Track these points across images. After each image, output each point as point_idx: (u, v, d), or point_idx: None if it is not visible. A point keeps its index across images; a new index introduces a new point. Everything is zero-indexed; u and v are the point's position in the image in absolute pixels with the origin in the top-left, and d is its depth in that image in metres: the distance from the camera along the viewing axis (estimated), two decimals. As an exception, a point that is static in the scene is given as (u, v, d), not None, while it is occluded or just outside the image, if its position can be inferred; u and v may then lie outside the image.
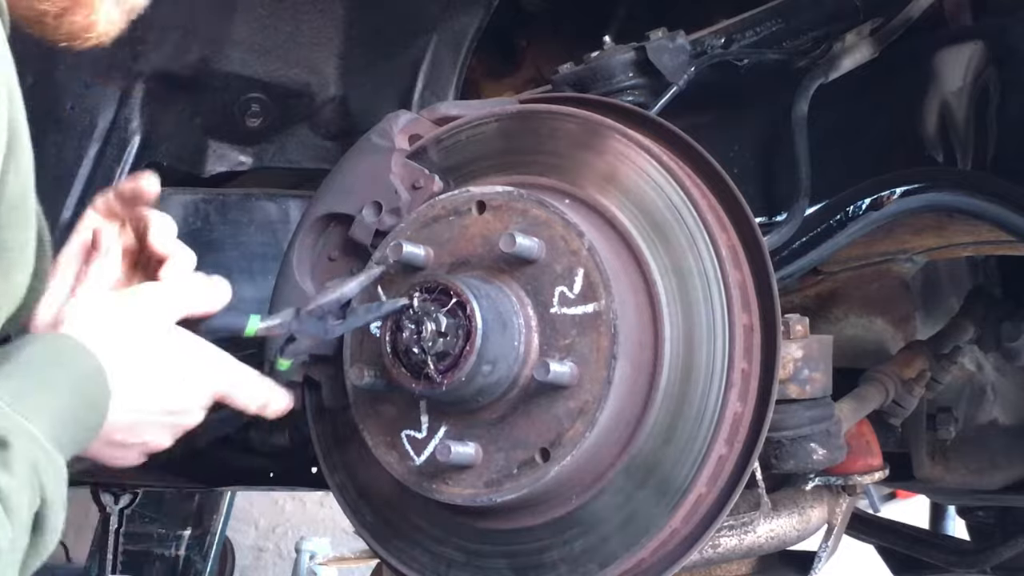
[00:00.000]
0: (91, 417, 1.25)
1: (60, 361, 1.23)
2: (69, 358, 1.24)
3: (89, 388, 1.24)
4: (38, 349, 1.23)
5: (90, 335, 1.28)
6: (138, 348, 1.33)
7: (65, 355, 1.24)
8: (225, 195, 2.17)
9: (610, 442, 1.43)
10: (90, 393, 1.24)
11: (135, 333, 1.33)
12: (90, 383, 1.25)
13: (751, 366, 1.48)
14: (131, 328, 1.33)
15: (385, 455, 1.52)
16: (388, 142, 1.63)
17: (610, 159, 1.51)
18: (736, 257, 1.51)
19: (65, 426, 1.19)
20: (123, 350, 1.30)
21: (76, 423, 1.21)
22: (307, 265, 1.65)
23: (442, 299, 1.42)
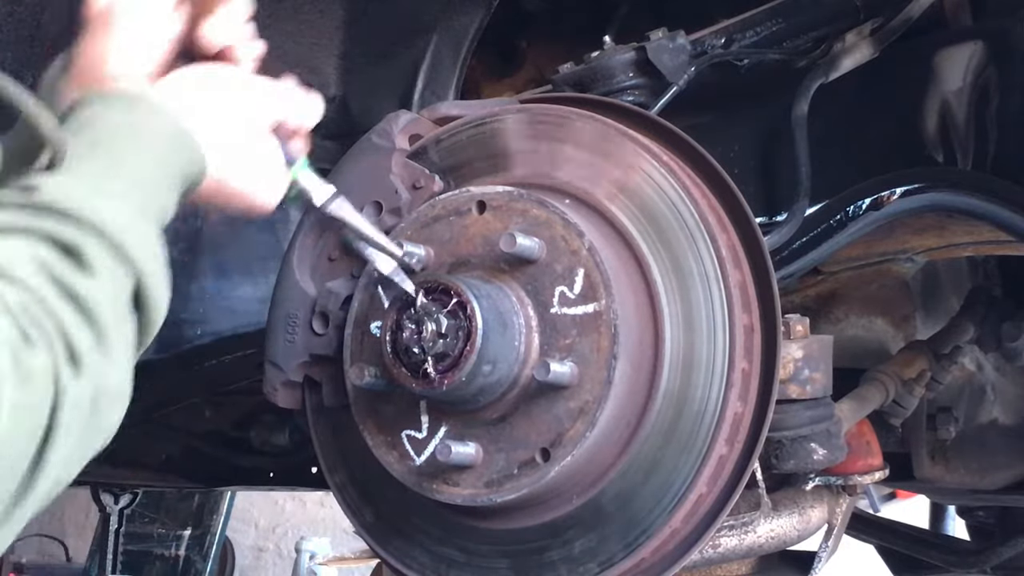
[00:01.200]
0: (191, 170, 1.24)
1: (136, 125, 1.19)
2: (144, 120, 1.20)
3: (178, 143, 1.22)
4: (114, 117, 1.18)
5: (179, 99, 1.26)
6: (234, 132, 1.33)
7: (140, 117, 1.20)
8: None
9: (610, 442, 1.43)
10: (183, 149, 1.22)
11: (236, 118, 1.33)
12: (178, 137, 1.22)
13: (751, 366, 1.48)
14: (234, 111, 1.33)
15: (385, 455, 1.52)
16: (388, 142, 1.63)
17: (612, 159, 1.51)
18: (736, 257, 1.51)
19: (159, 189, 1.17)
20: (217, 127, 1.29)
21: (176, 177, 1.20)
22: (307, 265, 1.65)
23: (443, 299, 1.42)
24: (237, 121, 1.35)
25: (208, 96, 1.32)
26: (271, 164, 1.40)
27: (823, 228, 1.82)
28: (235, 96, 1.36)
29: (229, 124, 1.34)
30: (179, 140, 1.23)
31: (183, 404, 2.75)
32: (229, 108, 1.34)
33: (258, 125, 1.38)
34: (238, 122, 1.35)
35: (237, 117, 1.35)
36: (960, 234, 1.98)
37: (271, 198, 1.42)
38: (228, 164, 1.33)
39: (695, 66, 1.84)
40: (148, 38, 1.33)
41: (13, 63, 1.70)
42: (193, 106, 1.28)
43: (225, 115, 1.33)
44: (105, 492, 4.35)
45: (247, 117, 1.36)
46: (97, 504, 4.41)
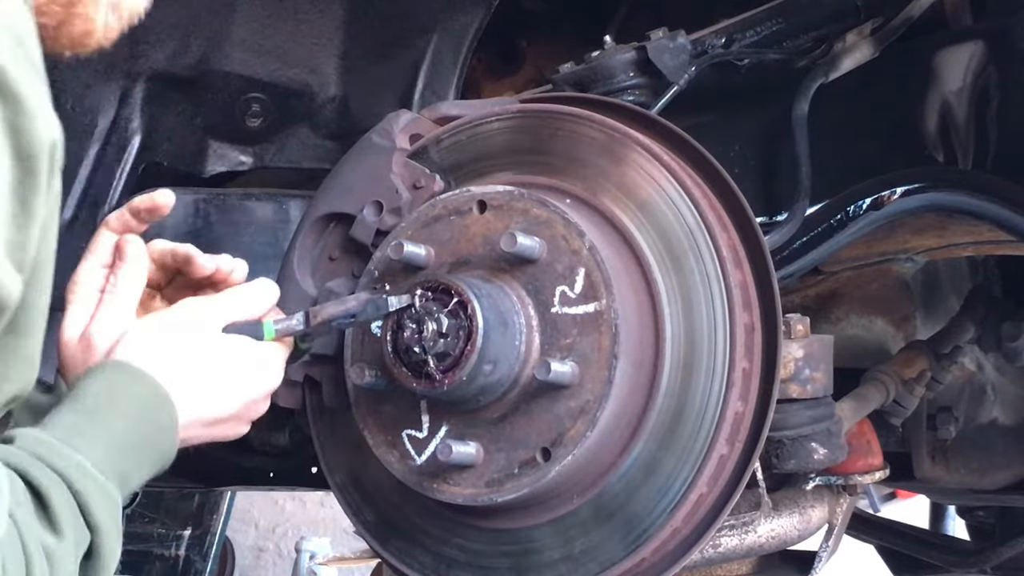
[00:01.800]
0: (162, 438, 1.28)
1: (116, 390, 1.25)
2: (125, 385, 1.26)
3: (152, 410, 1.27)
4: (94, 382, 1.25)
5: (145, 357, 1.30)
6: (196, 357, 1.35)
7: (121, 384, 1.26)
8: (225, 195, 2.17)
9: (611, 442, 1.43)
10: (154, 416, 1.27)
11: (190, 343, 1.35)
12: (152, 405, 1.27)
13: (752, 365, 1.48)
14: (185, 339, 1.35)
15: (386, 455, 1.52)
16: (389, 142, 1.63)
17: (612, 159, 1.51)
18: (737, 257, 1.51)
19: (126, 452, 1.22)
20: (180, 362, 1.32)
21: (144, 447, 1.25)
22: (308, 265, 1.65)
23: (443, 299, 1.42)
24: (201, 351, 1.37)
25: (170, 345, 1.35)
26: (250, 357, 1.42)
27: (823, 228, 1.82)
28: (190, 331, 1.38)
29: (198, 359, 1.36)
30: (154, 406, 1.28)
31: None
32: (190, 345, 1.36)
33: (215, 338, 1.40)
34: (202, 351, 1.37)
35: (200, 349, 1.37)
36: (960, 234, 1.98)
37: (275, 374, 1.45)
38: (214, 391, 1.37)
39: (695, 66, 1.84)
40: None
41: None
42: (162, 360, 1.31)
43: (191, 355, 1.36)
44: (105, 492, 4.34)
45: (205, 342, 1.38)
46: (97, 504, 4.40)
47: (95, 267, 1.45)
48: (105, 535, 1.15)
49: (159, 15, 1.91)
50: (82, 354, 1.38)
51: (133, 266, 1.44)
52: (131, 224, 1.47)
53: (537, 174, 1.55)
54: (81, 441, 1.17)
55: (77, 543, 1.12)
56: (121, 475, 1.21)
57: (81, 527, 1.12)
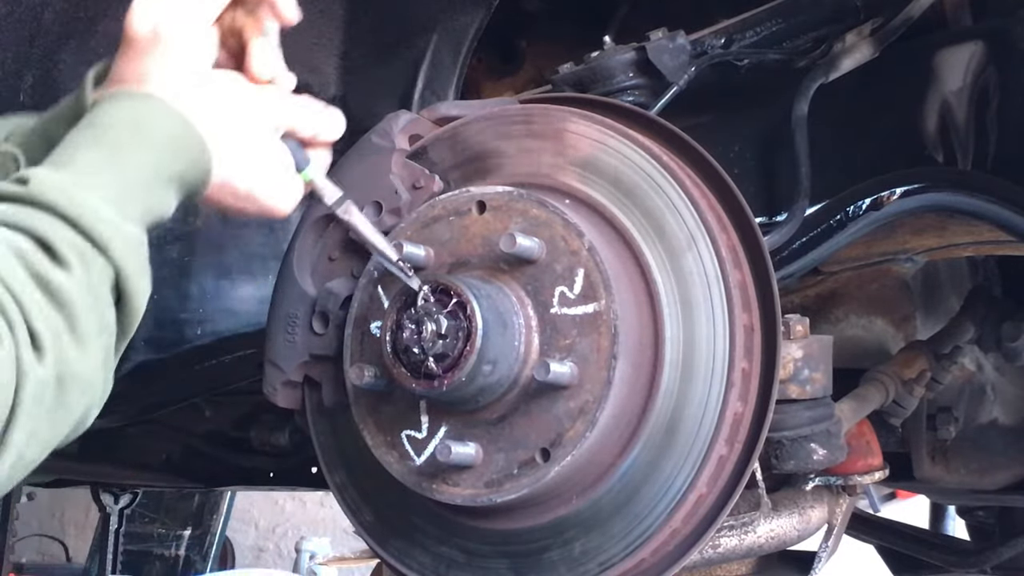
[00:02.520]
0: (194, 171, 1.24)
1: (143, 122, 1.21)
2: (156, 119, 1.21)
3: (184, 147, 1.23)
4: (120, 110, 1.21)
5: (185, 103, 1.26)
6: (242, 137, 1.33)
7: (150, 116, 1.21)
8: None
9: (610, 442, 1.43)
10: (186, 151, 1.23)
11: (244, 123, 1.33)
12: (185, 141, 1.23)
13: (751, 366, 1.48)
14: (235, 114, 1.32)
15: (385, 455, 1.52)
16: (388, 142, 1.62)
17: (612, 160, 1.51)
18: (736, 257, 1.50)
19: (153, 187, 1.18)
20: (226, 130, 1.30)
21: (174, 180, 1.21)
22: (307, 265, 1.65)
23: (443, 299, 1.42)
24: (248, 125, 1.35)
25: (220, 100, 1.33)
26: (282, 168, 1.41)
27: (823, 228, 1.82)
28: (247, 102, 1.37)
29: (240, 128, 1.34)
30: (183, 139, 1.24)
31: (183, 404, 2.74)
32: (240, 113, 1.35)
33: (268, 130, 1.39)
34: (249, 126, 1.36)
35: (248, 121, 1.35)
36: (960, 234, 1.98)
37: (285, 202, 1.43)
38: (238, 167, 1.34)
39: (695, 66, 1.84)
40: (192, 65, 1.33)
41: (13, 63, 1.70)
42: (204, 108, 1.29)
43: (236, 119, 1.34)
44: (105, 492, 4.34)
45: (258, 122, 1.37)
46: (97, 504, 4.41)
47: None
48: (130, 272, 1.12)
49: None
50: (148, 51, 1.30)
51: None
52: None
53: (536, 174, 1.54)
54: (96, 177, 1.13)
55: (94, 275, 1.09)
56: (144, 209, 1.17)
57: (100, 263, 1.09)
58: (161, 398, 2.59)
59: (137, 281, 1.14)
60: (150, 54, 1.30)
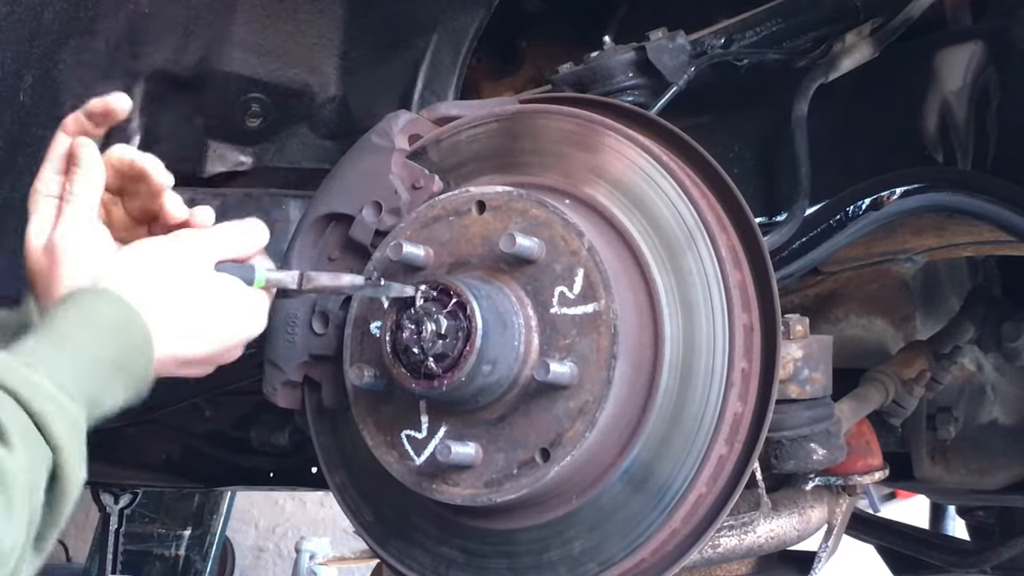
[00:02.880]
0: (134, 358, 1.24)
1: (84, 311, 1.22)
2: (95, 307, 1.23)
3: (123, 330, 1.23)
4: (63, 307, 1.23)
5: (122, 283, 1.27)
6: (182, 291, 1.33)
7: (90, 305, 1.23)
8: (225, 195, 2.17)
9: (610, 442, 1.43)
10: (125, 336, 1.23)
11: (178, 276, 1.33)
12: (123, 325, 1.24)
13: (751, 366, 1.48)
14: (174, 271, 1.33)
15: (385, 455, 1.52)
16: (388, 142, 1.63)
17: (612, 160, 1.51)
18: (736, 257, 1.51)
19: (95, 372, 1.18)
20: (164, 293, 1.30)
21: (114, 367, 1.21)
22: (307, 264, 1.65)
23: (443, 299, 1.42)
24: (186, 281, 1.36)
25: (152, 271, 1.34)
26: (236, 297, 1.42)
27: (823, 228, 1.82)
28: (175, 257, 1.37)
29: (179, 288, 1.35)
30: (125, 324, 1.25)
31: (183, 404, 2.75)
32: (174, 272, 1.36)
33: (205, 272, 1.39)
34: (187, 281, 1.36)
35: (184, 277, 1.36)
36: (960, 234, 1.98)
37: (256, 323, 1.45)
38: (191, 330, 1.35)
39: (695, 66, 1.84)
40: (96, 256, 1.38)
41: (13, 63, 1.70)
42: (141, 287, 1.30)
43: (173, 281, 1.34)
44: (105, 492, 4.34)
45: (193, 271, 1.37)
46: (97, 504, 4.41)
47: (53, 174, 1.41)
48: (67, 455, 1.10)
49: (159, 15, 1.91)
50: (47, 263, 1.36)
51: (88, 170, 1.40)
52: (87, 127, 1.44)
53: (536, 175, 1.54)
54: (42, 362, 1.13)
55: (34, 458, 1.07)
56: (89, 396, 1.16)
57: (39, 444, 1.08)
58: (161, 398, 2.59)
59: (73, 468, 1.12)
60: (57, 264, 1.35)
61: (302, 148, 2.19)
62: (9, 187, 1.78)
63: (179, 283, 1.34)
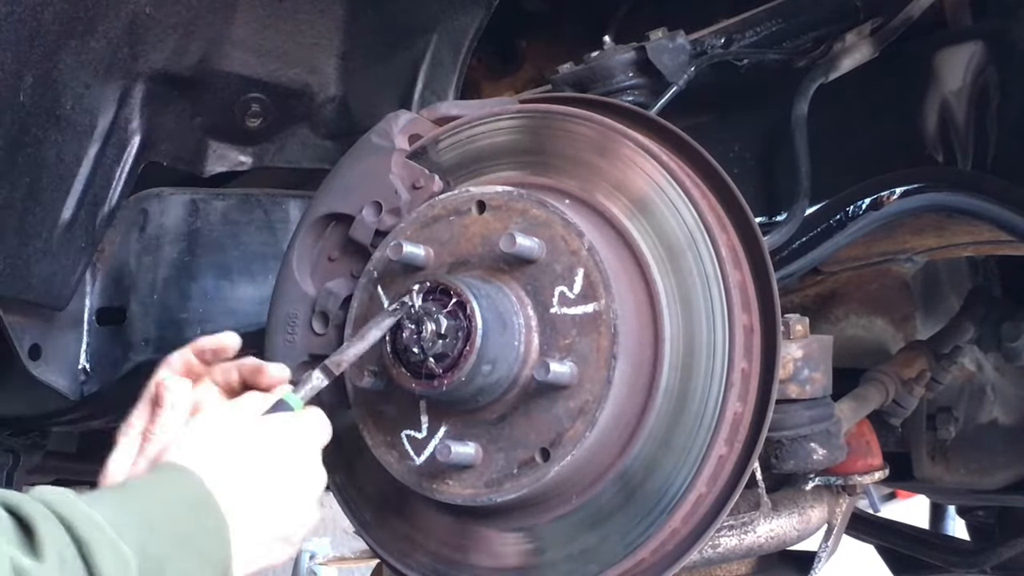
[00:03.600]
0: (209, 541, 1.17)
1: (157, 483, 1.18)
2: (169, 481, 1.18)
3: (195, 507, 1.17)
4: (135, 480, 1.19)
5: (192, 455, 1.23)
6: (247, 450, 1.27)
7: (163, 479, 1.19)
8: (225, 195, 2.17)
9: (610, 442, 1.43)
10: (196, 513, 1.17)
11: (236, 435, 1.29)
12: (195, 502, 1.18)
13: (751, 366, 1.48)
14: (231, 431, 1.29)
15: (385, 455, 1.52)
16: (388, 142, 1.63)
17: (612, 160, 1.51)
18: (736, 257, 1.51)
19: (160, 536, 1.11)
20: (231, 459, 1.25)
21: (184, 543, 1.13)
22: (307, 265, 1.65)
23: (442, 299, 1.42)
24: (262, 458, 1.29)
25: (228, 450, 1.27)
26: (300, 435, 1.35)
27: (823, 228, 1.82)
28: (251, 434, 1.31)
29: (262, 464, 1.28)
30: (195, 500, 1.19)
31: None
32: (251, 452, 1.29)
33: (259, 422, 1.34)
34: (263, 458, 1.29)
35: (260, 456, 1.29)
36: (960, 234, 1.98)
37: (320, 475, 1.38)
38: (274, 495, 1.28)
39: (695, 66, 1.84)
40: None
41: (13, 63, 1.70)
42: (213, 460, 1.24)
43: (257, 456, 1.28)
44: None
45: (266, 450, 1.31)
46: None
47: (144, 408, 1.39)
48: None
49: (159, 15, 1.91)
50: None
51: (170, 413, 1.37)
52: (194, 366, 1.43)
53: (536, 174, 1.55)
54: (102, 506, 1.08)
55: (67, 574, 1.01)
56: (148, 554, 1.08)
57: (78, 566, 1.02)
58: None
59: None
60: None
61: (302, 148, 2.19)
62: (9, 187, 1.78)
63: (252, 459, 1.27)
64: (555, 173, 1.54)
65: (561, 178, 1.53)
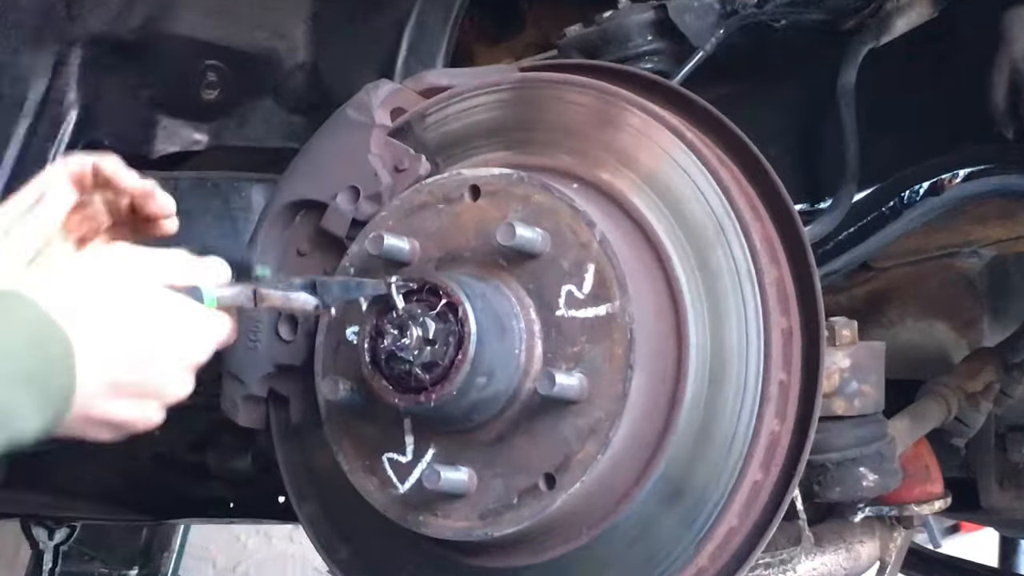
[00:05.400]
0: (53, 371, 1.22)
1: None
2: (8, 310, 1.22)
3: (37, 336, 1.22)
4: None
5: (46, 290, 1.26)
6: (115, 304, 1.31)
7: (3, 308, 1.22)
8: (177, 179, 2.17)
9: (626, 466, 1.44)
10: (40, 344, 1.22)
11: (113, 288, 1.32)
12: (38, 331, 1.22)
13: (790, 377, 1.48)
14: (109, 283, 1.32)
15: (363, 482, 1.52)
16: (366, 117, 1.63)
17: (626, 137, 1.51)
18: (773, 250, 1.51)
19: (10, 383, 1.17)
20: (93, 305, 1.29)
21: (27, 378, 1.19)
22: (272, 261, 1.65)
23: (430, 300, 1.43)
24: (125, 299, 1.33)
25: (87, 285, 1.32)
26: (183, 320, 1.37)
27: (874, 217, 1.82)
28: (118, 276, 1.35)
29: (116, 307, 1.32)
30: (39, 333, 1.23)
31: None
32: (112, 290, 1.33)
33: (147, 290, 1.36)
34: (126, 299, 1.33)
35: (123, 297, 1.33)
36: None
37: (205, 345, 1.39)
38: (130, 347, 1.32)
39: (724, 28, 1.84)
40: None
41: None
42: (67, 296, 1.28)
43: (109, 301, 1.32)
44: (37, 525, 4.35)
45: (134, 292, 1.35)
46: (28, 540, 4.41)
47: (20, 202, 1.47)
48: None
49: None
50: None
51: (36, 223, 1.45)
52: (86, 178, 1.50)
53: (539, 155, 1.55)
54: None
55: None
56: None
57: None
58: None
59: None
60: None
61: (266, 124, 2.19)
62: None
63: (113, 296, 1.32)
64: (551, 151, 1.54)
65: (558, 157, 1.53)
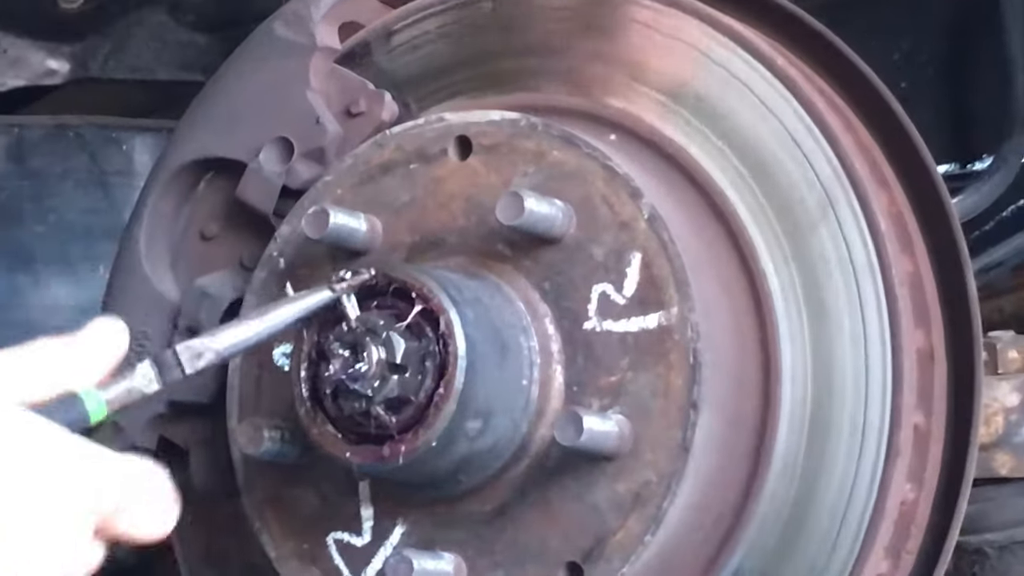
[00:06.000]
0: None
1: None
2: None
3: None
4: None
5: None
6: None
7: None
8: (23, 127, 2.18)
9: (687, 551, 1.44)
10: None
11: None
12: None
13: (930, 421, 1.49)
14: None
15: (299, 574, 1.52)
16: (303, 36, 1.64)
17: (681, 61, 1.52)
18: (905, 233, 1.51)
19: None
20: None
21: None
22: (164, 248, 1.66)
23: (397, 307, 1.42)
24: None
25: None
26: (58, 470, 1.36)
27: (1055, 186, 1.83)
28: None
29: None
30: None
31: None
32: None
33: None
34: None
35: None
36: None
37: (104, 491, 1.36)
38: None
39: None
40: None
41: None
42: None
43: None
44: None
45: None
46: None
47: None
48: None
49: None
50: None
51: None
52: None
53: (554, 90, 1.57)
54: None
55: None
56: None
57: None
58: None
59: None
60: None
61: (155, 47, 2.20)
62: None
63: None
64: (593, 88, 1.55)
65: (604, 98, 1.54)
